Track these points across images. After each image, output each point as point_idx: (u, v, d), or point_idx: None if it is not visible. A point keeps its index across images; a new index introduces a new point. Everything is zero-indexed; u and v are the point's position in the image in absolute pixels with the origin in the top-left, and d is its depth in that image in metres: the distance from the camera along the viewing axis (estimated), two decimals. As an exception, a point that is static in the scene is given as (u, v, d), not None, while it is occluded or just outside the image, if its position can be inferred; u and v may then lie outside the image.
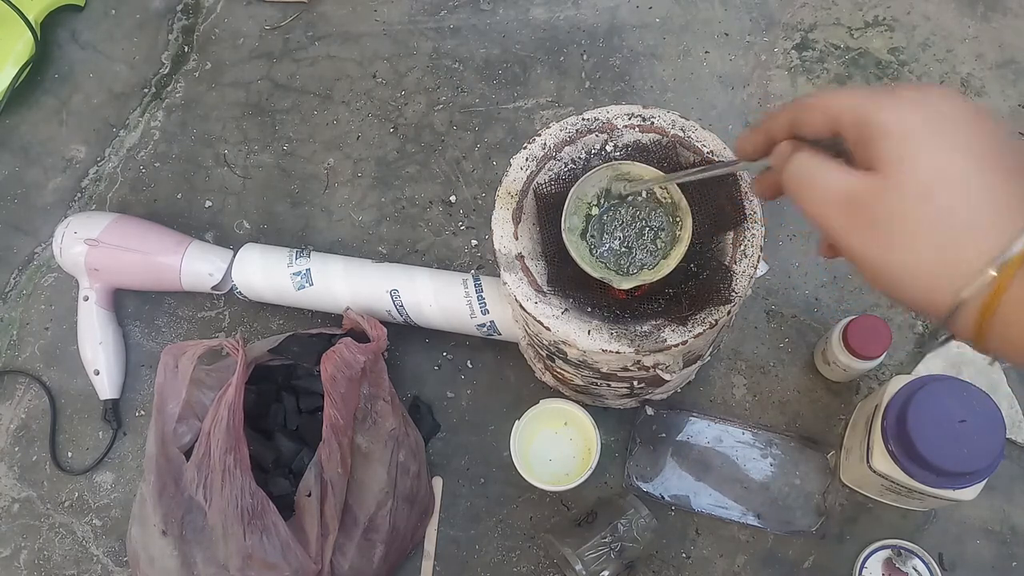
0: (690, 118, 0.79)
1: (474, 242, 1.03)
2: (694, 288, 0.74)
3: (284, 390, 0.90)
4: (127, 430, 0.99)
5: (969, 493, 0.76)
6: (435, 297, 0.90)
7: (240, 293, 0.98)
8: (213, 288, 0.98)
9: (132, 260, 0.96)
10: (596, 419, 0.88)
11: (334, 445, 0.80)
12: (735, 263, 0.74)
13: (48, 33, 1.16)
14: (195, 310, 1.03)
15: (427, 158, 1.07)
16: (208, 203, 1.08)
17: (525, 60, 1.11)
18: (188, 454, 0.81)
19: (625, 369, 0.77)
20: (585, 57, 1.10)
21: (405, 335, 0.98)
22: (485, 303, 0.89)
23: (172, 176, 1.09)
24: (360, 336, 0.86)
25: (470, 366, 0.98)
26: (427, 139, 1.08)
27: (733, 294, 0.72)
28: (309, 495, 0.80)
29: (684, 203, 0.73)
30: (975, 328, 0.41)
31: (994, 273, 0.39)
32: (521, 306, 0.74)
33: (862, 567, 0.87)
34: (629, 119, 0.79)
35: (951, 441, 0.74)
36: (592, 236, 0.76)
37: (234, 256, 0.97)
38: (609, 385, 0.83)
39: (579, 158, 0.79)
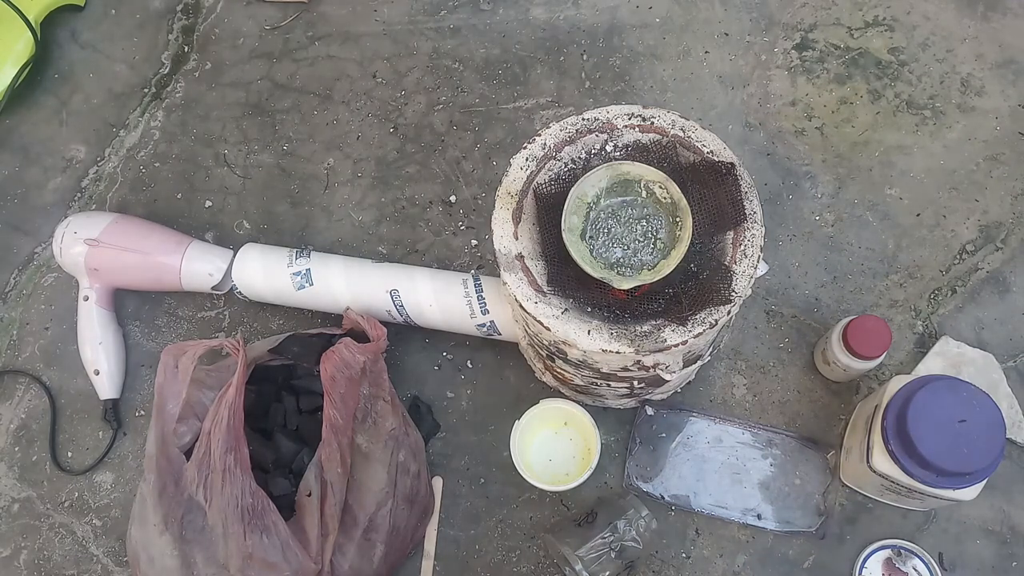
0: (690, 118, 0.79)
1: (474, 242, 1.03)
2: (694, 288, 0.74)
3: (284, 390, 0.90)
4: (127, 430, 0.99)
5: (969, 493, 0.76)
6: (435, 297, 0.90)
7: (240, 293, 0.98)
8: (213, 288, 0.98)
9: (132, 260, 0.96)
10: (596, 419, 0.88)
11: (334, 445, 0.80)
12: (735, 263, 0.74)
13: (48, 33, 1.16)
14: (195, 310, 1.03)
15: (427, 158, 1.07)
16: (208, 203, 1.07)
17: (525, 60, 1.11)
18: (188, 454, 0.81)
19: (625, 369, 0.77)
20: (585, 57, 1.10)
21: (405, 335, 0.98)
22: (485, 303, 0.89)
23: (172, 176, 1.09)
24: (360, 336, 0.86)
25: (470, 366, 0.98)
26: (427, 139, 1.08)
27: (733, 294, 0.72)
28: (309, 495, 0.80)
29: (684, 203, 0.73)
30: None
31: None
32: (521, 306, 0.74)
33: (862, 567, 0.87)
34: (629, 119, 0.79)
35: (951, 441, 0.74)
36: (592, 236, 0.76)
37: (234, 256, 0.97)
38: (609, 385, 0.83)
39: (579, 158, 0.79)
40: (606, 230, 0.76)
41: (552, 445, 0.92)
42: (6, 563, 0.95)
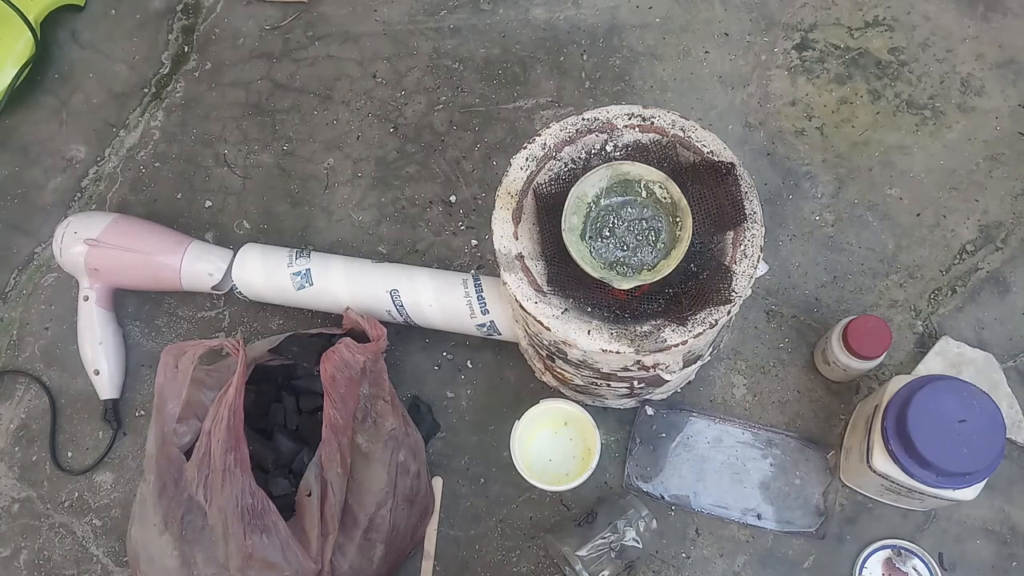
0: (690, 118, 0.79)
1: (474, 242, 1.03)
2: (694, 288, 0.74)
3: (284, 390, 0.90)
4: (127, 430, 0.99)
5: (969, 493, 0.76)
6: (435, 297, 0.90)
7: (240, 293, 0.98)
8: (213, 288, 0.98)
9: (132, 260, 0.96)
10: (596, 419, 0.88)
11: (334, 445, 0.80)
12: (735, 263, 0.74)
13: (48, 33, 1.16)
14: (195, 310, 1.03)
15: (427, 158, 1.07)
16: (208, 203, 1.07)
17: (525, 60, 1.11)
18: (188, 454, 0.81)
19: (625, 369, 0.77)
20: (585, 57, 1.10)
21: (405, 335, 0.98)
22: (485, 303, 0.89)
23: (172, 176, 1.09)
24: (360, 336, 0.86)
25: (470, 366, 0.98)
26: (427, 139, 1.08)
27: (733, 294, 0.72)
28: (309, 495, 0.80)
29: (684, 203, 0.73)
30: None
31: None
32: (521, 306, 0.74)
33: (862, 567, 0.87)
34: (629, 119, 0.79)
35: (951, 441, 0.74)
36: (592, 236, 0.76)
37: (234, 256, 0.97)
38: (609, 385, 0.83)
39: (579, 158, 0.79)
40: (606, 230, 0.76)
41: (552, 445, 0.92)
42: (6, 563, 0.95)
